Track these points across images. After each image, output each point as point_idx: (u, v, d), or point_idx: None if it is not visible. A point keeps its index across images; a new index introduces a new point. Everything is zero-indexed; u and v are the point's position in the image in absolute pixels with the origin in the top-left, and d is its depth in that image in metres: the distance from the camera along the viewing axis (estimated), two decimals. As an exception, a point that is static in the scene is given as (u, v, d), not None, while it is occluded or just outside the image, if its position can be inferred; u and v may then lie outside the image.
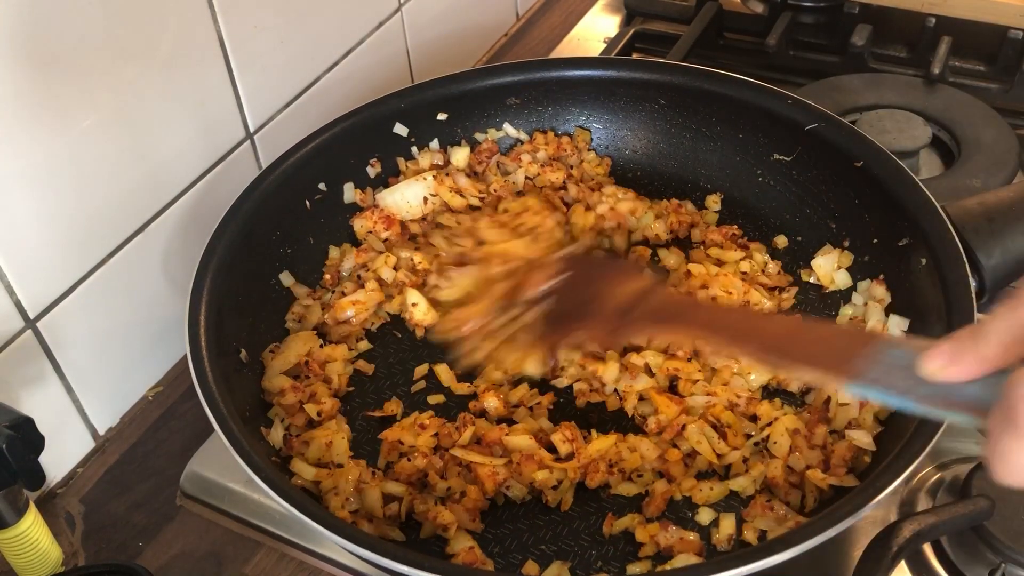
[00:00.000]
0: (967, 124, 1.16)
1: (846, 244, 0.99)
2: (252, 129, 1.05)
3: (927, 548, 0.81)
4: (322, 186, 1.03)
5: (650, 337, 0.92)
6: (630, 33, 1.37)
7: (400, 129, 1.08)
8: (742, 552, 0.68)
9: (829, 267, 0.98)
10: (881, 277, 0.94)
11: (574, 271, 0.94)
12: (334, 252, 1.03)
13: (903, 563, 0.80)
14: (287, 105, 1.09)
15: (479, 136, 1.12)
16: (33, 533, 0.75)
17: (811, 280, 0.99)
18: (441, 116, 1.09)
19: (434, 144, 1.10)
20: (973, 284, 0.83)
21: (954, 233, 0.86)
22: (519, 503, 0.84)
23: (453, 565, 0.77)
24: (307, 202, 1.02)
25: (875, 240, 0.96)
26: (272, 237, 0.97)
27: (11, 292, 0.84)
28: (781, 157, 1.04)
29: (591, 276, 0.93)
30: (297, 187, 1.00)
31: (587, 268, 0.95)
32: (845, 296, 0.97)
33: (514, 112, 1.12)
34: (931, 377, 0.53)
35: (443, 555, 0.79)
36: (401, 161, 1.09)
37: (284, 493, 0.72)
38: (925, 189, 0.91)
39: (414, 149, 1.10)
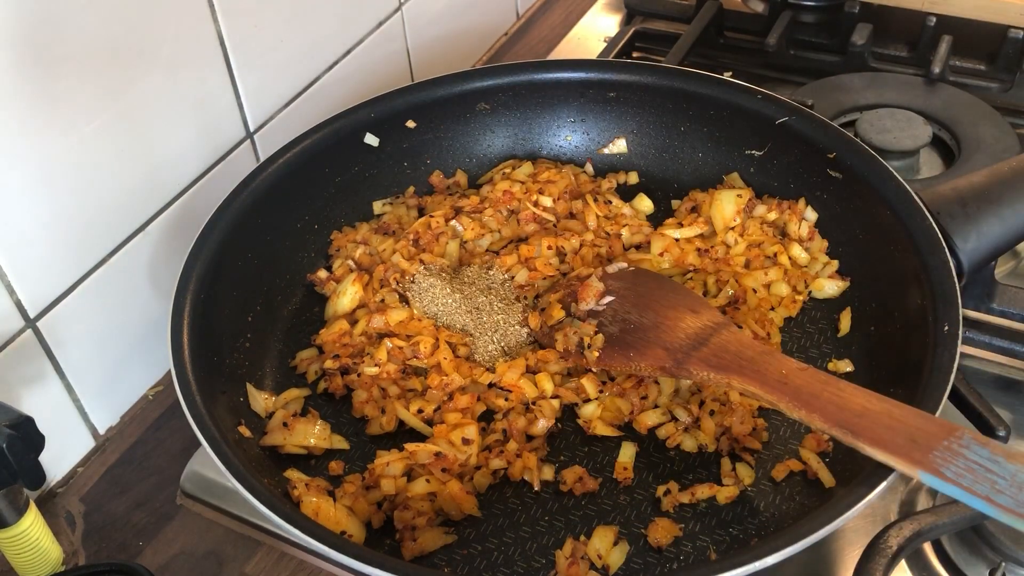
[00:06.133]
0: (967, 123, 1.16)
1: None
2: (252, 128, 1.05)
3: (927, 547, 0.81)
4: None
5: (707, 383, 0.82)
6: (630, 32, 1.37)
7: (371, 139, 1.05)
8: (739, 554, 0.68)
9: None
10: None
11: (630, 290, 0.91)
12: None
13: (903, 562, 0.80)
14: (287, 104, 1.09)
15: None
16: (33, 532, 0.75)
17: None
18: (410, 124, 1.07)
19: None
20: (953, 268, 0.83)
21: (931, 219, 0.86)
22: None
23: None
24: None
25: (857, 232, 0.96)
26: (253, 264, 0.96)
27: (11, 291, 0.84)
28: (753, 152, 1.05)
29: (651, 298, 0.89)
30: (269, 213, 0.97)
31: (646, 289, 0.91)
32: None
33: (486, 117, 1.10)
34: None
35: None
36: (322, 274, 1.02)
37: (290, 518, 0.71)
38: (899, 176, 0.91)
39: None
